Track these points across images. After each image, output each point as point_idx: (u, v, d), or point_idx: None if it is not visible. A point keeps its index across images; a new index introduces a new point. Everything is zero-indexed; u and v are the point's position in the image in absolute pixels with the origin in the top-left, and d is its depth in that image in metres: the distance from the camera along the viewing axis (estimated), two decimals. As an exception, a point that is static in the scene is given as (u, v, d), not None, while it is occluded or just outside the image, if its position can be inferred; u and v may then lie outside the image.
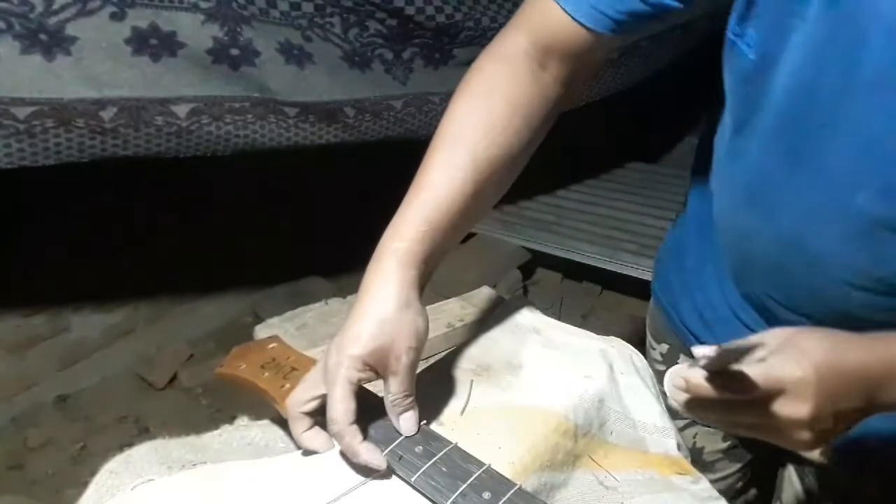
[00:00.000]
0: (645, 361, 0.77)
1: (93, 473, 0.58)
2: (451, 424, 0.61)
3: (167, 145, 1.28)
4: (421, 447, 0.55)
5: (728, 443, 0.93)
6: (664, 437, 0.69)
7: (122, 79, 1.18)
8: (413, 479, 0.53)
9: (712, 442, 0.94)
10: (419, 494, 0.53)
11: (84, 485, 0.58)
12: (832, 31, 0.52)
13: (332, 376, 0.55)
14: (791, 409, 0.50)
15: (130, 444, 0.62)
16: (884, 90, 0.50)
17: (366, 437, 0.56)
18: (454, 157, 0.60)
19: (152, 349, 2.04)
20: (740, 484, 1.01)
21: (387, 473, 0.55)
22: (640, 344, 0.85)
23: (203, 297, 2.15)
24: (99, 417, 1.84)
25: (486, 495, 0.51)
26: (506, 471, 0.54)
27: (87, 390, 1.92)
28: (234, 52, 1.28)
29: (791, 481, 0.92)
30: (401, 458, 0.55)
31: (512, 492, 0.51)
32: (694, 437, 0.94)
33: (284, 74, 1.36)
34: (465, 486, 0.52)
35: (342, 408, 0.54)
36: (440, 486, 0.52)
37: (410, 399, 0.57)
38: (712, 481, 1.01)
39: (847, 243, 0.58)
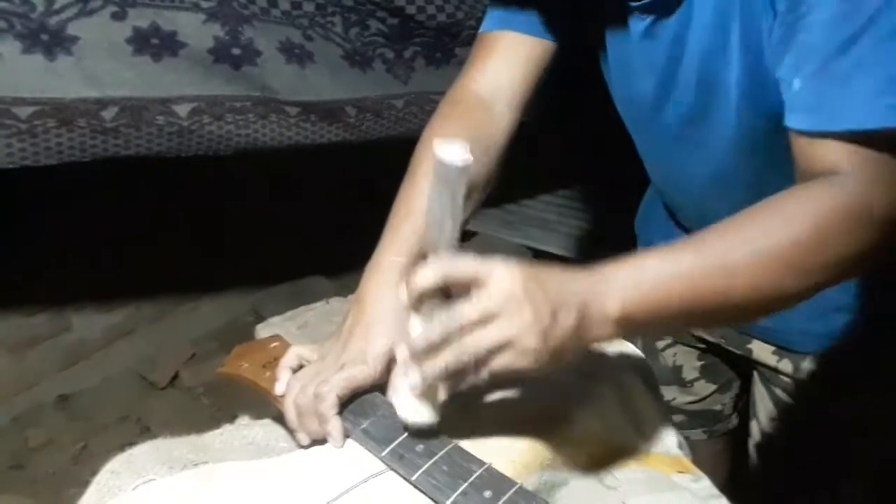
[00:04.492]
0: (646, 360, 0.77)
1: (94, 473, 0.59)
2: (451, 423, 0.61)
3: (168, 145, 1.28)
4: (422, 446, 0.56)
5: (703, 361, 1.03)
6: (665, 436, 0.69)
7: (124, 78, 1.18)
8: (414, 478, 0.53)
9: (690, 359, 1.03)
10: (420, 493, 0.53)
11: (85, 484, 0.58)
12: None
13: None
14: (498, 290, 0.50)
15: (132, 444, 0.63)
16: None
17: (367, 435, 0.57)
18: None
19: (153, 349, 2.03)
20: (719, 406, 1.08)
21: (387, 472, 0.55)
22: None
23: (204, 296, 2.15)
24: (100, 417, 1.84)
25: (487, 494, 0.51)
26: (506, 469, 0.54)
27: (88, 390, 1.92)
28: (236, 51, 1.28)
29: (762, 397, 0.96)
30: (401, 456, 0.55)
31: (513, 490, 0.51)
32: (673, 357, 1.04)
33: (286, 74, 1.36)
34: (465, 484, 0.52)
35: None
36: (441, 485, 0.52)
37: None
38: (692, 402, 1.09)
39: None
